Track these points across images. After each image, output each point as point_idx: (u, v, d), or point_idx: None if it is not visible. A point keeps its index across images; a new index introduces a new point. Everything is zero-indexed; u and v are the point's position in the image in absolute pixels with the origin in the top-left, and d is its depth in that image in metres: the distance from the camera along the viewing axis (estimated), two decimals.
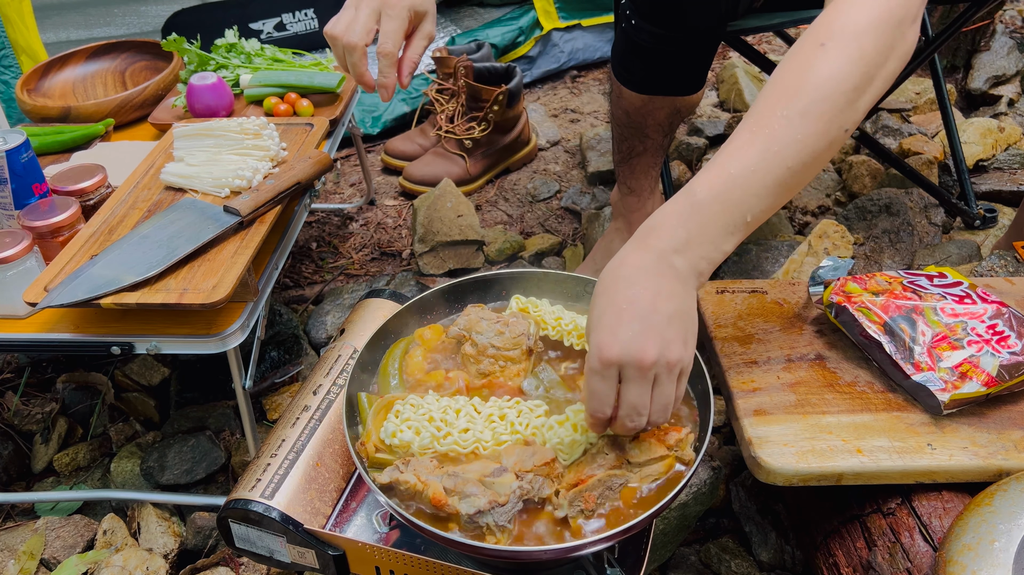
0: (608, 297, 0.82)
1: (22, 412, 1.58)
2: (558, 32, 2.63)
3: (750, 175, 0.83)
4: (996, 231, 1.84)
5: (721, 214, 0.83)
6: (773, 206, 0.85)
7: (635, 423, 0.83)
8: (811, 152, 0.84)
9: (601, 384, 0.81)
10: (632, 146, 1.62)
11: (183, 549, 1.37)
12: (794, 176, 0.84)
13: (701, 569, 1.28)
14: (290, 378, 1.63)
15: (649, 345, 0.79)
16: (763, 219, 0.85)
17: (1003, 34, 2.45)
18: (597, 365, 0.81)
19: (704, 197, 0.83)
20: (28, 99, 1.69)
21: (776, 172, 0.83)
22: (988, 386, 0.99)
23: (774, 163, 0.83)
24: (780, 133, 0.83)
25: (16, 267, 1.20)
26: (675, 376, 0.82)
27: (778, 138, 0.83)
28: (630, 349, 0.79)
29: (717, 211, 0.83)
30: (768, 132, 0.83)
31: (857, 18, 0.85)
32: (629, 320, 0.80)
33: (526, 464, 0.89)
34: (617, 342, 0.79)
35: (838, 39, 0.85)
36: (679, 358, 0.81)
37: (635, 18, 1.41)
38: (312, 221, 2.13)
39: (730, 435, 1.43)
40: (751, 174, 0.83)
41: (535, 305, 1.10)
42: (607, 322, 0.81)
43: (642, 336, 0.79)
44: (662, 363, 0.80)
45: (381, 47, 1.12)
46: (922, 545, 0.94)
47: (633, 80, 1.51)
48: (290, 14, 2.46)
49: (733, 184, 0.83)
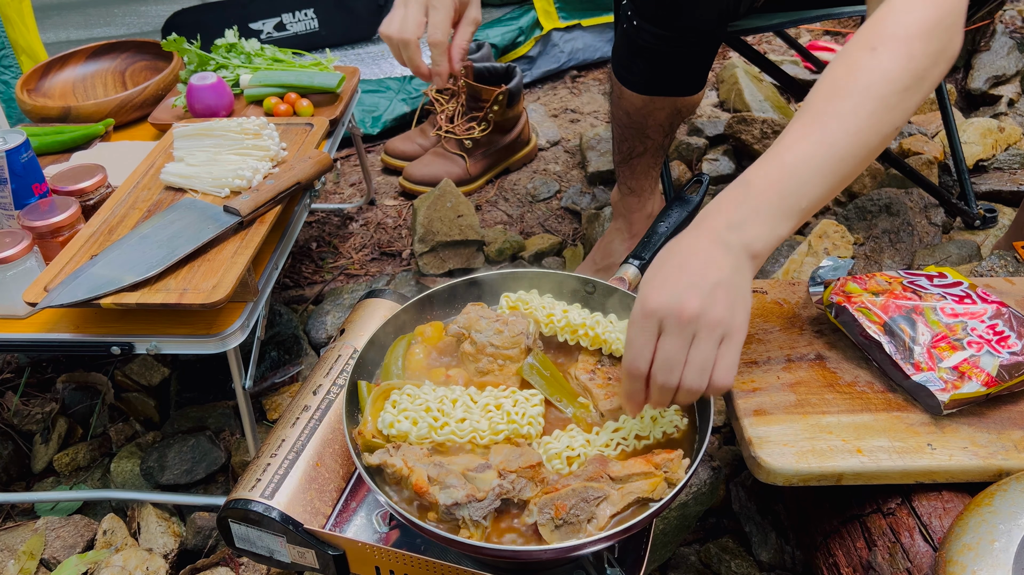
0: (659, 264, 0.85)
1: (22, 412, 1.58)
2: (558, 32, 2.63)
3: (803, 164, 0.86)
4: (996, 231, 1.84)
5: (776, 199, 0.86)
6: (827, 195, 0.88)
7: (667, 380, 0.82)
8: (863, 144, 0.87)
9: (640, 335, 0.83)
10: (632, 146, 1.63)
11: (183, 549, 1.37)
12: (846, 167, 0.87)
13: (701, 569, 1.28)
14: (290, 378, 1.63)
15: (692, 299, 0.81)
16: (817, 207, 0.88)
17: (1003, 34, 2.45)
18: (639, 315, 0.82)
19: (759, 184, 0.86)
20: (28, 99, 1.69)
21: (830, 162, 0.86)
22: (988, 386, 0.99)
23: (828, 154, 0.86)
24: (832, 127, 0.87)
25: (16, 267, 1.20)
26: (716, 338, 0.82)
27: (831, 131, 0.87)
28: (672, 301, 0.81)
29: (772, 197, 0.86)
30: (821, 126, 0.87)
31: (908, 22, 0.89)
32: (676, 279, 0.82)
33: (511, 464, 0.89)
34: (662, 294, 0.82)
35: (889, 43, 0.88)
36: (721, 319, 0.81)
37: (636, 19, 1.41)
38: (312, 221, 2.13)
39: (730, 435, 1.43)
40: (804, 164, 0.86)
41: (525, 302, 1.10)
42: (656, 280, 0.84)
43: (687, 291, 0.81)
44: (704, 320, 0.81)
45: (431, 37, 1.19)
46: (922, 545, 0.94)
47: (634, 81, 1.51)
48: (290, 14, 2.46)
49: (787, 173, 0.86)
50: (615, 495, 0.87)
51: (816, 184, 0.86)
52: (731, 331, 0.82)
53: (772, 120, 2.13)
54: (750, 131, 2.13)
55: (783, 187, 0.86)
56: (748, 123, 2.14)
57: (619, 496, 0.87)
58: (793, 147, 0.87)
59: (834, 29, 2.90)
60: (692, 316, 0.80)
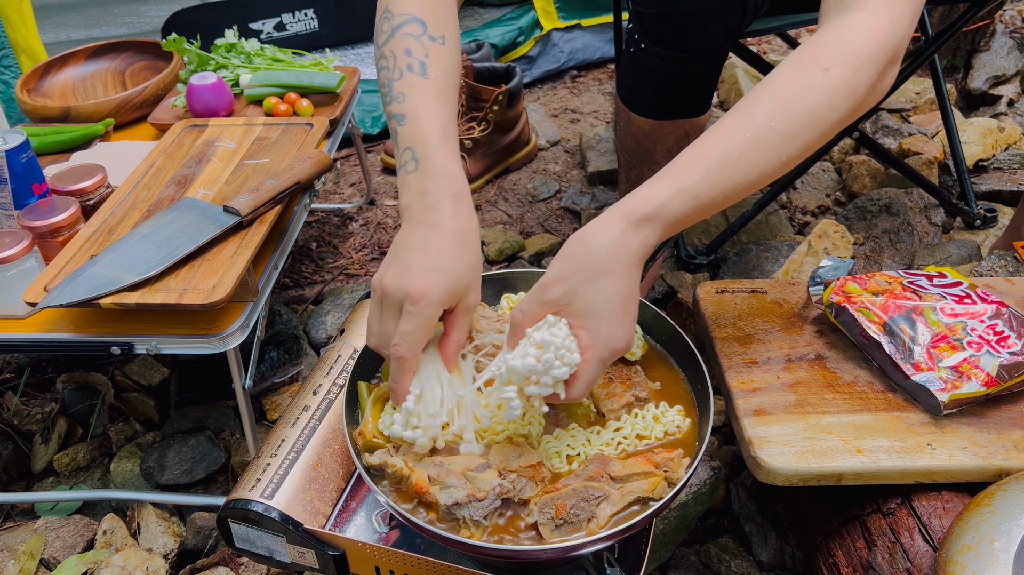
0: (598, 284, 0.84)
1: (22, 412, 1.58)
2: (558, 32, 2.63)
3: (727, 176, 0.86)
4: (996, 231, 1.84)
5: (693, 209, 0.86)
6: (711, 210, 0.88)
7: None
8: (779, 169, 0.87)
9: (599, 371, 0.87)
10: (641, 173, 1.61)
11: (183, 549, 1.37)
12: (751, 186, 0.87)
13: (701, 569, 1.28)
14: (290, 378, 1.63)
15: (630, 336, 0.88)
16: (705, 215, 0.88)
17: (1003, 34, 2.45)
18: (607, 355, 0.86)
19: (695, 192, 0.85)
20: (28, 99, 1.69)
21: (747, 178, 0.86)
22: (988, 386, 0.99)
23: (749, 166, 0.86)
24: (767, 141, 0.86)
25: (16, 267, 1.20)
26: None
27: (766, 145, 0.86)
28: (621, 345, 0.86)
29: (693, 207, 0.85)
30: (759, 137, 0.86)
31: (860, 47, 0.87)
32: (624, 316, 0.86)
33: (511, 464, 0.89)
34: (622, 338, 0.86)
35: (841, 68, 0.87)
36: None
37: (644, 41, 1.38)
38: (312, 221, 2.13)
39: (730, 435, 1.43)
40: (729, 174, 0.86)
41: None
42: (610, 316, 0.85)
43: (628, 334, 0.87)
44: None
45: (393, 350, 0.88)
46: (922, 545, 0.94)
47: (642, 105, 1.49)
48: (290, 14, 2.46)
49: (713, 183, 0.85)
50: (615, 495, 0.87)
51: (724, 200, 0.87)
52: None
53: None
54: None
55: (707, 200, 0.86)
56: None
57: (619, 496, 0.87)
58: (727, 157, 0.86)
59: None
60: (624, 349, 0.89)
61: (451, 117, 0.97)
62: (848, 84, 0.87)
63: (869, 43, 0.87)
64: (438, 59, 0.99)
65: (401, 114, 0.96)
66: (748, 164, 0.86)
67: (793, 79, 0.88)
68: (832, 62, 0.87)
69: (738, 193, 0.87)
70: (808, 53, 0.89)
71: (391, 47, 1.00)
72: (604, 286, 0.84)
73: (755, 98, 0.88)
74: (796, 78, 0.88)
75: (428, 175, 0.92)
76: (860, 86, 0.87)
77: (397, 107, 0.97)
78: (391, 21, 1.02)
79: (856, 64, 0.87)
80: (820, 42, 0.89)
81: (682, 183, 0.85)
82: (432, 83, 0.97)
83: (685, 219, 0.86)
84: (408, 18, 1.00)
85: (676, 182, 0.85)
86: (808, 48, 0.90)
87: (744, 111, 0.88)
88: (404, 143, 0.95)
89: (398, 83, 0.98)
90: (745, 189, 0.87)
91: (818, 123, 0.86)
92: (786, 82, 0.88)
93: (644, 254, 0.86)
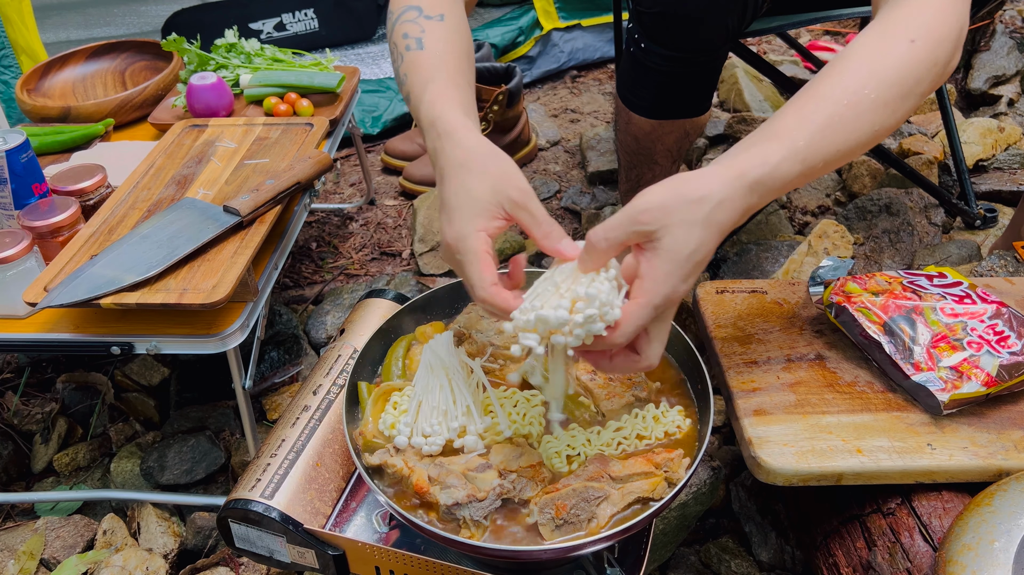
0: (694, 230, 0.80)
1: (22, 412, 1.58)
2: (558, 32, 2.63)
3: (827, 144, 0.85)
4: (996, 231, 1.84)
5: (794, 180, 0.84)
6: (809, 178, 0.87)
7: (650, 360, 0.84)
8: (873, 137, 0.88)
9: (650, 317, 0.81)
10: (641, 173, 1.61)
11: (183, 549, 1.37)
12: (848, 154, 0.87)
13: (701, 569, 1.28)
14: (290, 378, 1.63)
15: (685, 290, 0.83)
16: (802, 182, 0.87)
17: (1003, 34, 2.45)
18: (663, 304, 0.81)
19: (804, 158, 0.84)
20: (28, 99, 1.69)
21: (844, 143, 0.86)
22: (988, 386, 0.99)
23: (847, 132, 0.85)
24: (862, 108, 0.85)
25: (16, 267, 1.20)
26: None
27: (862, 112, 0.85)
28: (678, 299, 0.82)
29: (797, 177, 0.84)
30: (855, 103, 0.85)
31: (939, 23, 0.89)
32: (694, 274, 0.82)
33: (511, 464, 0.89)
34: (684, 293, 0.82)
35: (925, 41, 0.88)
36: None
37: (644, 41, 1.38)
38: (312, 221, 2.13)
39: (730, 435, 1.43)
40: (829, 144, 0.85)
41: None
42: (688, 270, 0.81)
43: (689, 292, 0.83)
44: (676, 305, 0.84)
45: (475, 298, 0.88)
46: (922, 545, 0.94)
47: (643, 105, 1.49)
48: (290, 14, 2.46)
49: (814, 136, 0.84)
50: (615, 495, 0.87)
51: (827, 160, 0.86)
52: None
53: None
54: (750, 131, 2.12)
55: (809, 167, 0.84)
56: (748, 123, 2.15)
57: (619, 496, 0.87)
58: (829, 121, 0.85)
59: (834, 29, 2.90)
60: (676, 304, 0.83)
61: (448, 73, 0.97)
62: (931, 56, 0.88)
63: (946, 20, 0.89)
64: (434, 32, 1.01)
65: (407, 93, 0.99)
66: (846, 130, 0.85)
67: (882, 48, 0.88)
68: (917, 34, 0.88)
69: (837, 160, 0.86)
70: (891, 25, 0.90)
71: (393, 39, 1.03)
72: (698, 235, 0.80)
73: (845, 64, 0.88)
74: (885, 47, 0.88)
75: (426, 133, 0.94)
76: (940, 59, 0.89)
77: (404, 90, 1.00)
78: (391, 17, 1.05)
79: (937, 38, 0.88)
80: (899, 15, 0.90)
81: (791, 146, 0.83)
82: (427, 53, 0.99)
83: (788, 185, 0.85)
84: (404, 8, 1.04)
85: (785, 145, 0.83)
86: (889, 20, 0.90)
87: (836, 77, 0.87)
88: (416, 119, 0.97)
89: (402, 66, 1.01)
90: (843, 156, 0.86)
91: (906, 93, 0.87)
92: (875, 50, 0.88)
93: (743, 218, 0.84)
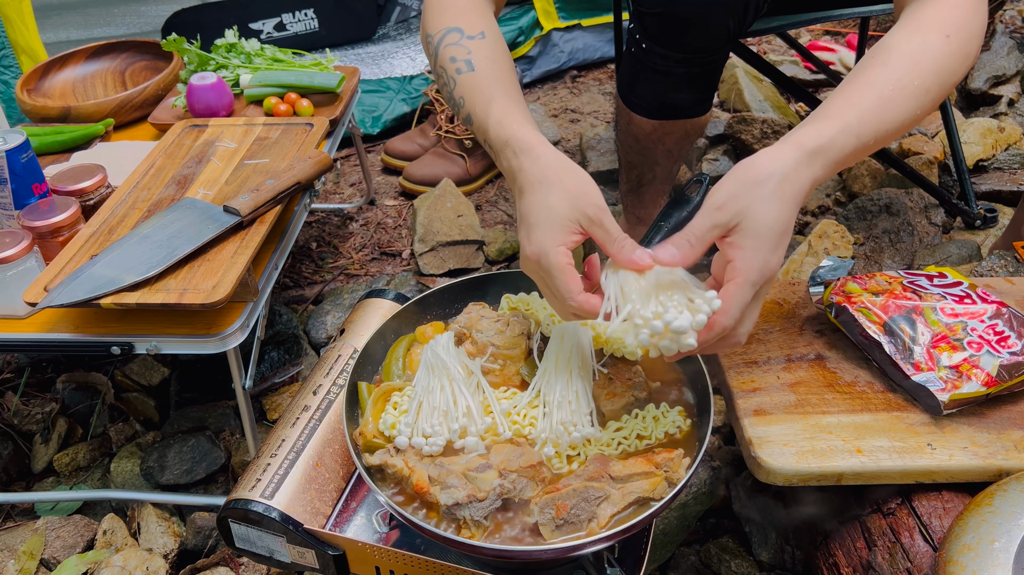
0: (771, 217, 0.84)
1: (22, 412, 1.58)
2: (558, 32, 2.63)
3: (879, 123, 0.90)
4: (996, 231, 1.84)
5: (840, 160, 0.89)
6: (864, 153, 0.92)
7: (739, 339, 0.86)
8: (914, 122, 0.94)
9: (750, 294, 0.84)
10: (641, 174, 1.61)
11: (183, 549, 1.37)
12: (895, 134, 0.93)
13: (701, 569, 1.28)
14: (290, 378, 1.63)
15: (778, 265, 0.86)
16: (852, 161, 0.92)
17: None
18: (760, 279, 0.84)
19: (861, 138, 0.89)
20: (28, 99, 1.69)
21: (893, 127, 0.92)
22: (988, 386, 0.99)
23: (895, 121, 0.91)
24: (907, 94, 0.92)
25: (16, 267, 1.20)
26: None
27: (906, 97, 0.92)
28: (774, 272, 0.85)
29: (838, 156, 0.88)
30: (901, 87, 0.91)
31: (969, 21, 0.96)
32: (781, 245, 0.85)
33: (512, 464, 0.89)
34: (777, 265, 0.85)
35: (960, 35, 0.95)
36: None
37: (645, 41, 1.38)
38: (312, 221, 2.13)
39: (730, 435, 1.43)
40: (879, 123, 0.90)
41: (526, 303, 1.10)
42: (773, 242, 0.84)
43: (779, 256, 0.86)
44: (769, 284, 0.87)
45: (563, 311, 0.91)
46: (922, 545, 0.94)
47: (644, 106, 1.49)
48: (290, 14, 2.46)
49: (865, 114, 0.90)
50: (616, 495, 0.87)
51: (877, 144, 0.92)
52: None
53: (772, 120, 2.13)
54: (750, 131, 2.13)
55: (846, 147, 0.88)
56: (748, 123, 2.15)
57: (620, 496, 0.87)
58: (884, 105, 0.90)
59: (834, 29, 2.90)
60: (771, 280, 0.86)
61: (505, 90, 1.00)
62: (963, 50, 0.95)
63: (974, 18, 0.97)
64: (480, 51, 1.03)
65: (468, 115, 1.02)
66: (893, 111, 0.91)
67: (921, 41, 0.95)
68: (952, 30, 0.95)
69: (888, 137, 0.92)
70: (926, 21, 0.96)
71: (440, 63, 1.06)
72: (774, 209, 0.84)
73: (887, 55, 0.94)
74: (923, 41, 0.95)
75: (499, 154, 0.96)
76: (971, 53, 0.96)
77: (463, 112, 1.03)
78: (432, 41, 1.07)
79: (967, 34, 0.95)
80: (933, 12, 0.97)
81: (843, 122, 0.88)
82: (479, 73, 1.02)
83: (846, 159, 0.89)
84: (444, 31, 1.06)
85: (838, 121, 0.88)
86: (923, 17, 0.97)
87: (880, 66, 0.93)
88: (480, 139, 1.00)
89: (455, 90, 1.03)
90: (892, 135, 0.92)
91: (943, 82, 0.94)
92: (915, 43, 0.95)
93: (811, 188, 0.87)
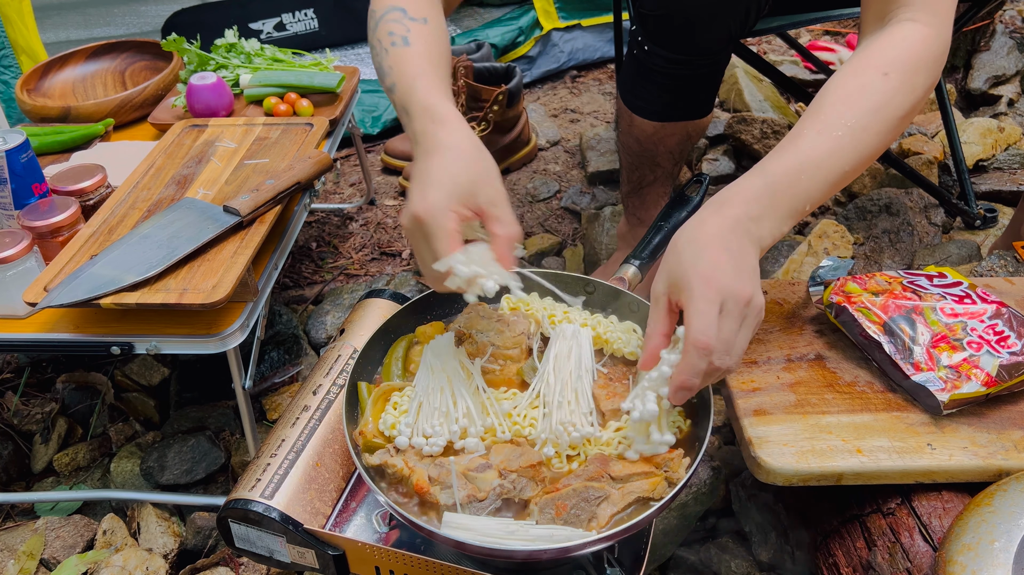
0: (697, 248, 0.87)
1: (22, 412, 1.58)
2: (558, 32, 2.63)
3: (815, 169, 0.92)
4: (996, 231, 1.84)
5: (790, 200, 0.91)
6: (823, 199, 0.94)
7: (723, 361, 0.85)
8: (862, 162, 0.95)
9: (710, 309, 0.84)
10: (643, 175, 1.61)
11: (183, 549, 1.37)
12: (843, 179, 0.94)
13: (701, 569, 1.28)
14: (290, 378, 1.63)
15: (746, 285, 0.85)
16: (811, 210, 0.94)
17: (1003, 34, 2.45)
18: (707, 292, 0.84)
19: (780, 183, 0.91)
20: (28, 99, 1.69)
21: (835, 173, 0.93)
22: (988, 386, 0.99)
23: (835, 165, 0.93)
24: (843, 140, 0.93)
25: (16, 267, 1.20)
26: (754, 324, 0.87)
27: (841, 144, 0.93)
28: (732, 284, 0.85)
29: (786, 194, 0.91)
30: (833, 136, 0.93)
31: (914, 55, 0.96)
32: (725, 264, 0.86)
33: (512, 464, 0.89)
34: (721, 276, 0.85)
35: (899, 71, 0.95)
36: (762, 306, 0.87)
37: (647, 43, 1.38)
38: (312, 221, 2.13)
39: (730, 435, 1.43)
40: (816, 168, 0.92)
41: (526, 303, 1.10)
42: (706, 263, 0.86)
43: (739, 277, 0.86)
44: (753, 306, 0.86)
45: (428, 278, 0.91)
46: (922, 545, 0.94)
47: (645, 108, 1.48)
48: (290, 14, 2.46)
49: (801, 174, 0.91)
50: (616, 495, 0.87)
51: (819, 190, 0.92)
52: (762, 317, 0.89)
53: (772, 120, 2.13)
54: (750, 131, 2.13)
55: (797, 189, 0.91)
56: (748, 123, 2.14)
57: (620, 496, 0.87)
58: (806, 151, 0.92)
59: (834, 29, 2.90)
60: (748, 299, 0.85)
61: (436, 70, 1.01)
62: (906, 84, 0.95)
63: (924, 51, 0.96)
64: (420, 33, 1.04)
65: (392, 83, 1.02)
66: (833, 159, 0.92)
67: (852, 81, 0.96)
68: (890, 67, 0.95)
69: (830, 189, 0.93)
70: (864, 60, 0.97)
71: (377, 36, 1.07)
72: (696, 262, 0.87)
73: (820, 102, 0.95)
74: (855, 80, 0.96)
75: (415, 117, 0.97)
76: (919, 86, 0.96)
77: (388, 80, 1.03)
78: (374, 16, 1.09)
79: (912, 68, 0.95)
80: (874, 50, 0.97)
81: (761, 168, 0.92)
82: (414, 49, 1.03)
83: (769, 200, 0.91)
84: (388, 8, 1.07)
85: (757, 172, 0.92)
86: (863, 56, 0.97)
87: (812, 115, 0.94)
88: (399, 106, 1.01)
89: (386, 59, 1.04)
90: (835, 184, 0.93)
91: (884, 118, 0.94)
92: (846, 83, 0.96)
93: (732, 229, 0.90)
